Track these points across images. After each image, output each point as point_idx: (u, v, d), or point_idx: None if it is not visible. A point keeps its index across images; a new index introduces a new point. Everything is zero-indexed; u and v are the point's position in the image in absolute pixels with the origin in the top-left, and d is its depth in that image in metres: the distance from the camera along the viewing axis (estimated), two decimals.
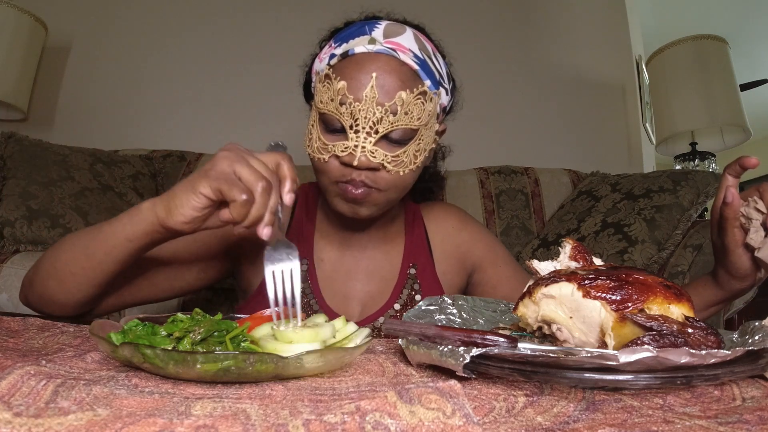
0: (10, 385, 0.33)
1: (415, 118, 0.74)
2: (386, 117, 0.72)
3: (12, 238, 1.48)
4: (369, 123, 0.72)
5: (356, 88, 0.72)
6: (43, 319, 0.65)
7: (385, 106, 0.72)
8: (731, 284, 0.72)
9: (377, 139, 0.72)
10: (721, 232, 0.70)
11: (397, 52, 0.74)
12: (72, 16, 2.32)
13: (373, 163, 0.73)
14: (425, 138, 0.77)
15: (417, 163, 0.76)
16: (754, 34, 3.81)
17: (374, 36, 0.76)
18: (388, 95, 0.72)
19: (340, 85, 0.73)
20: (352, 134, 0.72)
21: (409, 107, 0.73)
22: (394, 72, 0.73)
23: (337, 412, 0.30)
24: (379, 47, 0.74)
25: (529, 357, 0.40)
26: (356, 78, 0.73)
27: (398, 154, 0.74)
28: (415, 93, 0.74)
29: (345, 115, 0.72)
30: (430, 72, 0.77)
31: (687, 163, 2.52)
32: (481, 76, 2.37)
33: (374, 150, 0.72)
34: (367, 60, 0.74)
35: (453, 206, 1.03)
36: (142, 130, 2.24)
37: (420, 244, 0.93)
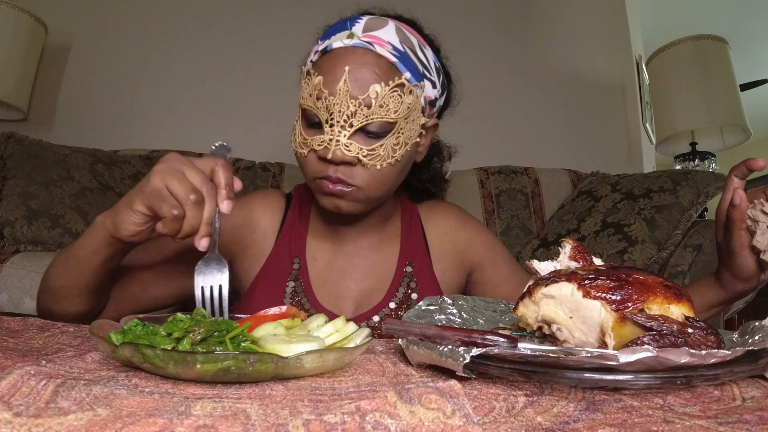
0: (10, 385, 0.33)
1: (392, 111, 0.73)
2: (360, 110, 0.72)
3: (12, 238, 1.48)
4: (343, 117, 0.72)
5: (331, 82, 0.73)
6: (44, 319, 0.65)
7: (359, 99, 0.72)
8: (735, 286, 0.72)
9: (352, 132, 0.72)
10: (726, 234, 0.69)
11: (374, 45, 0.75)
12: (72, 16, 2.32)
13: (348, 156, 0.72)
14: (405, 131, 0.76)
15: (396, 156, 0.75)
16: (754, 34, 3.81)
17: (354, 31, 0.76)
18: (362, 88, 0.73)
19: (317, 80, 0.74)
20: (328, 128, 0.73)
21: (384, 100, 0.73)
22: (368, 65, 0.73)
23: (337, 412, 0.30)
24: (355, 41, 0.75)
25: (529, 357, 0.40)
26: (331, 72, 0.73)
27: (374, 148, 0.74)
28: (391, 86, 0.73)
29: (321, 109, 0.73)
30: (410, 64, 0.76)
31: (687, 163, 2.52)
32: (482, 76, 2.37)
33: (348, 144, 0.72)
34: (343, 54, 0.74)
35: (451, 205, 1.01)
36: (142, 130, 2.24)
37: (417, 243, 0.93)
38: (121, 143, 2.00)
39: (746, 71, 3.43)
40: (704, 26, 2.82)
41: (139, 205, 0.59)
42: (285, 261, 0.87)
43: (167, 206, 0.57)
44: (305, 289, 0.85)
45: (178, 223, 0.57)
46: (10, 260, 1.32)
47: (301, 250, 0.89)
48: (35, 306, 1.02)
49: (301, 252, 0.89)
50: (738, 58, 2.51)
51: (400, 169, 0.79)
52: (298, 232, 0.90)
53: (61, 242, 1.53)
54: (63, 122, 2.25)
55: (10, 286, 1.27)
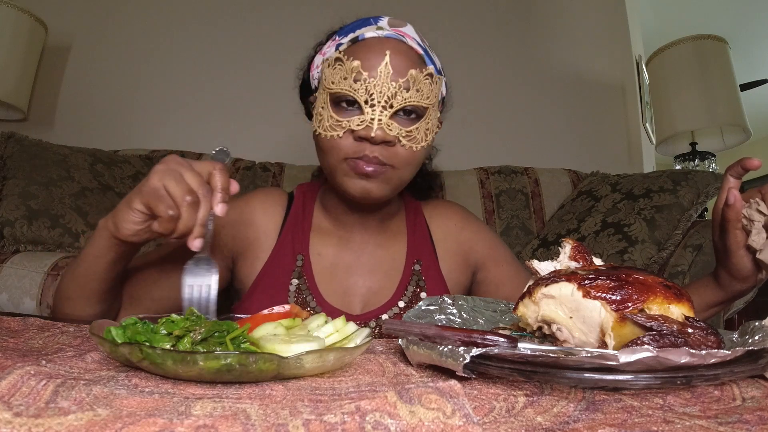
0: (10, 385, 0.33)
1: (425, 96, 0.77)
2: (400, 92, 0.75)
3: (12, 238, 1.48)
4: (384, 97, 0.75)
5: (370, 66, 0.76)
6: (43, 318, 0.65)
7: (399, 82, 0.75)
8: (732, 285, 0.72)
9: (392, 113, 0.75)
10: (722, 233, 0.70)
11: (405, 38, 0.80)
12: (72, 16, 2.32)
13: (389, 136, 0.75)
14: (432, 119, 0.80)
15: (428, 140, 0.79)
16: (754, 34, 3.81)
17: (381, 25, 0.81)
18: (401, 72, 0.76)
19: (355, 64, 0.76)
20: (368, 108, 0.75)
21: (419, 85, 0.77)
22: (404, 53, 0.78)
23: (337, 412, 0.30)
24: (388, 32, 0.79)
25: (529, 357, 0.40)
26: (369, 57, 0.76)
27: (411, 130, 0.77)
28: (424, 73, 0.77)
29: (360, 90, 0.75)
30: (432, 59, 0.82)
31: (687, 163, 2.52)
32: (482, 76, 2.37)
33: (390, 123, 0.75)
34: (378, 42, 0.78)
35: (454, 204, 1.02)
36: (142, 130, 2.24)
37: (423, 241, 0.93)
38: (121, 143, 2.00)
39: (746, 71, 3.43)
40: (704, 26, 2.82)
41: (137, 203, 0.61)
42: (288, 258, 0.87)
43: (164, 206, 0.58)
44: (309, 286, 0.85)
45: (173, 223, 0.59)
46: (10, 260, 1.32)
47: (305, 247, 0.89)
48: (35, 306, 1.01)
49: (304, 249, 0.88)
50: (738, 58, 2.51)
51: (424, 156, 0.83)
52: (301, 228, 0.90)
53: (61, 242, 1.53)
54: (63, 122, 2.26)
55: (10, 286, 1.27)
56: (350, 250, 0.90)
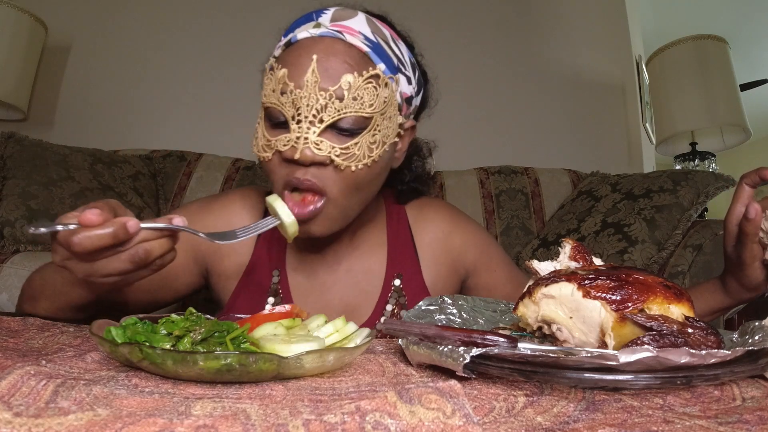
0: (10, 385, 0.33)
1: (367, 105, 0.66)
2: (331, 103, 0.64)
3: (12, 238, 1.48)
4: (312, 111, 0.64)
5: (297, 74, 0.66)
6: (43, 318, 0.65)
7: (330, 91, 0.65)
8: (741, 294, 0.71)
9: (322, 129, 0.65)
10: (738, 245, 0.67)
11: (344, 34, 0.68)
12: (72, 16, 2.32)
13: (319, 156, 0.64)
14: (382, 129, 0.69)
15: (372, 157, 0.67)
16: (754, 34, 3.80)
17: (321, 21, 0.70)
18: (332, 79, 0.65)
19: (281, 73, 0.66)
20: (294, 125, 0.65)
21: (358, 92, 0.66)
22: (338, 54, 0.67)
23: (337, 412, 0.30)
24: (323, 30, 0.68)
25: (529, 357, 0.40)
26: (297, 63, 0.66)
27: (348, 147, 0.66)
28: (365, 76, 0.66)
29: (287, 105, 0.66)
30: (384, 56, 0.70)
31: (687, 163, 2.52)
32: (482, 76, 2.37)
33: (319, 141, 0.64)
34: (310, 44, 0.67)
35: (442, 205, 0.93)
36: (142, 130, 2.24)
37: (405, 251, 0.85)
38: (121, 143, 2.00)
39: (746, 71, 3.43)
40: (704, 26, 2.82)
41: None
42: (264, 273, 0.82)
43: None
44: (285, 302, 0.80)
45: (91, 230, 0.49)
46: (10, 260, 1.32)
47: (281, 261, 0.83)
48: None
49: (280, 262, 0.83)
50: (738, 58, 2.51)
51: (377, 173, 0.72)
52: (278, 240, 0.84)
53: None
54: (63, 122, 2.26)
55: (10, 286, 1.27)
56: (325, 264, 0.83)
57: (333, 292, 0.82)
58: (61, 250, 0.51)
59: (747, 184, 0.67)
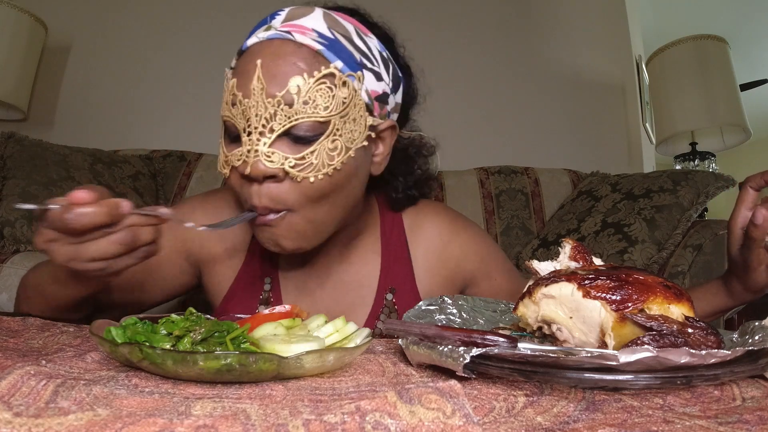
0: (10, 385, 0.33)
1: (321, 108, 0.61)
2: (281, 110, 0.60)
3: (12, 238, 1.48)
4: (261, 121, 0.60)
5: (244, 83, 0.62)
6: (43, 318, 0.65)
7: (277, 97, 0.60)
8: (744, 296, 0.70)
9: (273, 139, 0.60)
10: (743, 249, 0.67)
11: (293, 34, 0.63)
12: (72, 16, 2.32)
13: (270, 169, 0.60)
14: (345, 133, 0.63)
15: (334, 165, 0.62)
16: (754, 34, 3.80)
17: (273, 23, 0.66)
18: (280, 84, 0.61)
19: (231, 83, 0.63)
20: (246, 138, 0.61)
21: (309, 95, 0.61)
22: (286, 56, 0.62)
23: (337, 412, 0.30)
24: (271, 33, 0.64)
25: (529, 357, 0.40)
26: (244, 71, 0.63)
27: (304, 156, 0.61)
28: (317, 77, 0.61)
29: (237, 116, 0.62)
30: (343, 52, 0.64)
31: (687, 163, 2.52)
32: (482, 76, 2.37)
33: (270, 153, 0.60)
34: (257, 49, 0.64)
35: (440, 210, 0.88)
36: (142, 130, 2.24)
37: (399, 262, 0.81)
38: (121, 143, 2.00)
39: (746, 71, 3.43)
40: (704, 26, 2.82)
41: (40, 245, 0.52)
42: (255, 280, 0.80)
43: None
44: None
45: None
46: (10, 260, 1.32)
47: (273, 268, 0.81)
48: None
49: (272, 270, 0.80)
50: (738, 58, 2.51)
51: (344, 183, 0.65)
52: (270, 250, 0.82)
53: None
54: (63, 122, 2.26)
55: (10, 286, 1.27)
56: (315, 275, 0.80)
57: (324, 303, 0.80)
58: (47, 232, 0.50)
59: (752, 188, 0.66)
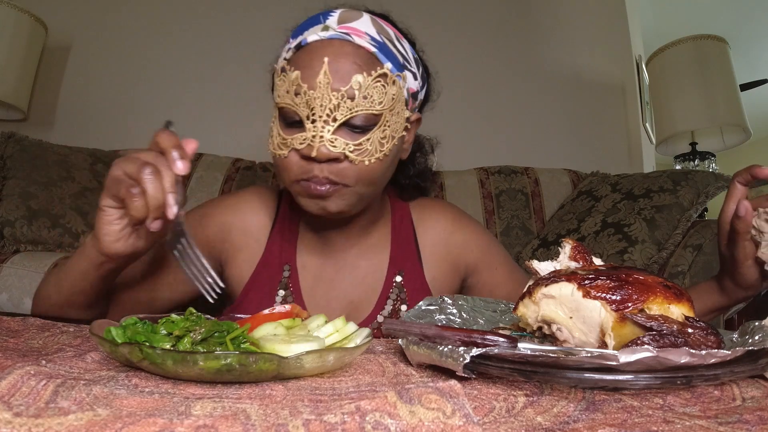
0: (10, 385, 0.33)
1: (376, 102, 0.70)
2: (343, 103, 0.69)
3: (12, 238, 1.48)
4: (326, 111, 0.68)
5: (310, 76, 0.69)
6: (43, 318, 0.65)
7: (341, 91, 0.68)
8: (737, 293, 0.71)
9: (336, 127, 0.69)
10: (730, 243, 0.68)
11: (352, 36, 0.72)
12: (72, 16, 2.32)
13: (333, 153, 0.69)
14: (392, 124, 0.73)
15: (384, 151, 0.72)
16: (754, 34, 3.80)
17: (328, 23, 0.73)
18: (343, 80, 0.69)
19: (294, 75, 0.70)
20: (309, 125, 0.69)
21: (367, 91, 0.70)
22: (348, 55, 0.70)
23: (337, 412, 0.30)
24: (331, 33, 0.72)
25: (529, 357, 0.40)
26: (309, 66, 0.70)
27: (361, 143, 0.70)
28: (374, 76, 0.70)
29: (301, 105, 0.69)
30: (390, 54, 0.74)
31: (687, 163, 2.52)
32: (482, 76, 2.37)
33: (334, 139, 0.68)
34: (320, 47, 0.71)
35: (445, 205, 0.96)
36: (142, 130, 2.23)
37: (407, 248, 0.89)
38: (121, 143, 2.00)
39: (746, 71, 3.43)
40: (704, 26, 2.82)
41: (104, 199, 0.60)
42: (275, 267, 0.85)
43: (125, 187, 0.56)
44: (296, 299, 0.83)
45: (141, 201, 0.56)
46: (10, 260, 1.32)
47: (291, 257, 0.86)
48: None
49: (291, 258, 0.86)
50: (738, 58, 2.51)
51: (388, 165, 0.76)
52: (288, 236, 0.87)
53: (61, 242, 1.53)
54: (63, 122, 2.25)
55: (10, 286, 1.27)
56: (333, 261, 0.87)
57: (339, 288, 0.85)
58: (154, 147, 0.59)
59: (739, 183, 0.68)
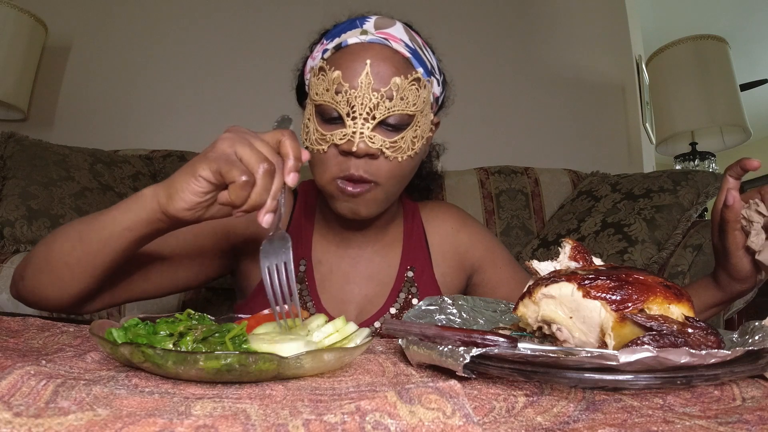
0: (10, 385, 0.33)
1: (411, 104, 0.75)
2: (382, 102, 0.73)
3: (12, 238, 1.48)
4: (366, 109, 0.73)
5: (351, 76, 0.73)
6: (43, 318, 0.65)
7: (381, 92, 0.73)
8: (731, 286, 0.72)
9: (375, 125, 0.73)
10: (722, 234, 0.70)
11: (390, 41, 0.76)
12: (72, 16, 2.32)
13: (372, 148, 0.73)
14: (422, 125, 0.78)
15: (415, 149, 0.77)
16: (754, 34, 3.81)
17: (366, 28, 0.77)
18: (383, 81, 0.73)
19: (335, 75, 0.74)
20: (350, 121, 0.73)
21: (404, 93, 0.74)
22: (387, 59, 0.75)
23: (337, 412, 0.30)
24: (371, 37, 0.76)
25: (529, 357, 0.40)
26: (351, 67, 0.74)
27: (396, 140, 0.75)
28: (410, 79, 0.75)
29: (341, 103, 0.73)
30: (422, 61, 0.78)
31: (687, 163, 2.52)
32: (482, 76, 2.37)
33: (372, 135, 0.73)
34: (361, 49, 0.75)
35: (452, 206, 1.01)
36: (142, 130, 2.24)
37: (418, 246, 0.93)
38: (121, 143, 2.00)
39: (746, 71, 3.43)
40: (704, 26, 2.83)
41: (204, 170, 0.54)
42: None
43: (237, 171, 0.52)
44: (311, 292, 0.86)
45: (246, 191, 0.53)
46: (10, 260, 1.32)
47: (307, 252, 0.89)
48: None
49: (306, 254, 0.89)
50: (738, 58, 2.51)
51: (416, 164, 0.81)
52: (305, 232, 0.90)
53: None
54: (63, 122, 2.26)
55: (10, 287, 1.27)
56: (348, 257, 0.90)
57: (353, 282, 0.89)
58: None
59: (731, 176, 0.70)
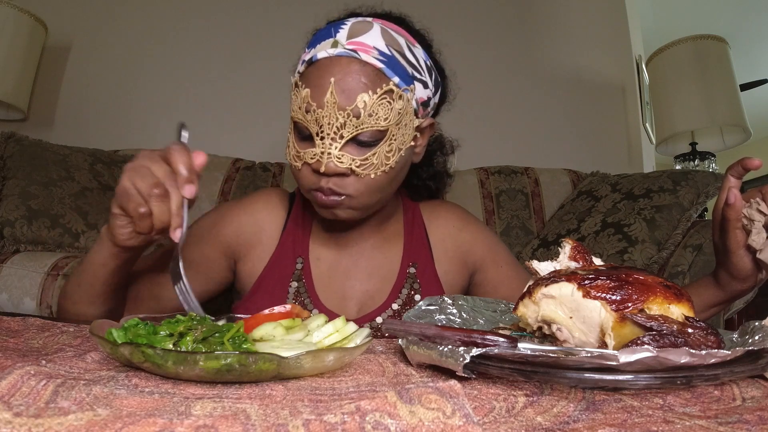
0: (10, 385, 0.33)
1: (382, 119, 0.73)
2: (349, 121, 0.72)
3: (12, 238, 1.48)
4: (333, 129, 0.72)
5: (318, 94, 0.73)
6: (43, 318, 0.65)
7: (347, 110, 0.71)
8: (732, 285, 0.72)
9: (343, 144, 0.72)
10: (722, 233, 0.70)
11: (359, 53, 0.73)
12: (72, 16, 2.32)
13: (340, 168, 0.72)
14: (398, 137, 0.75)
15: (389, 164, 0.75)
16: (754, 34, 3.80)
17: (338, 38, 0.75)
18: (349, 99, 0.72)
19: (305, 93, 0.74)
20: (319, 141, 0.73)
21: (372, 109, 0.72)
22: (354, 74, 0.72)
23: (337, 412, 0.30)
24: (340, 50, 0.73)
25: (529, 357, 0.40)
26: (318, 85, 0.73)
27: (367, 157, 0.73)
28: (379, 93, 0.72)
29: (311, 122, 0.73)
30: (398, 68, 0.75)
31: (687, 163, 2.51)
32: (482, 76, 2.37)
33: (341, 155, 0.72)
34: (328, 65, 0.73)
35: (454, 205, 1.01)
36: (142, 130, 2.24)
37: (420, 244, 0.93)
38: (121, 143, 2.00)
39: (746, 71, 3.42)
40: (704, 26, 2.82)
41: (114, 207, 0.63)
42: (288, 261, 0.88)
43: (133, 205, 0.60)
44: (308, 289, 0.86)
45: (147, 221, 0.60)
46: (10, 260, 1.32)
47: (305, 250, 0.89)
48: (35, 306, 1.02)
49: (304, 252, 0.89)
50: (738, 58, 2.51)
51: (395, 176, 0.79)
52: (302, 232, 0.91)
53: (61, 242, 1.52)
54: (63, 122, 2.25)
55: (10, 286, 1.27)
56: (348, 254, 0.90)
57: (354, 278, 0.89)
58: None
59: (732, 175, 0.70)
